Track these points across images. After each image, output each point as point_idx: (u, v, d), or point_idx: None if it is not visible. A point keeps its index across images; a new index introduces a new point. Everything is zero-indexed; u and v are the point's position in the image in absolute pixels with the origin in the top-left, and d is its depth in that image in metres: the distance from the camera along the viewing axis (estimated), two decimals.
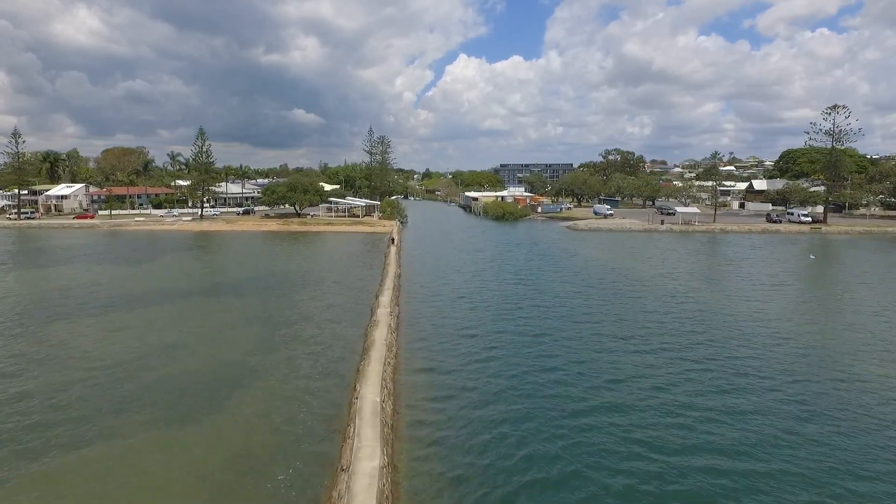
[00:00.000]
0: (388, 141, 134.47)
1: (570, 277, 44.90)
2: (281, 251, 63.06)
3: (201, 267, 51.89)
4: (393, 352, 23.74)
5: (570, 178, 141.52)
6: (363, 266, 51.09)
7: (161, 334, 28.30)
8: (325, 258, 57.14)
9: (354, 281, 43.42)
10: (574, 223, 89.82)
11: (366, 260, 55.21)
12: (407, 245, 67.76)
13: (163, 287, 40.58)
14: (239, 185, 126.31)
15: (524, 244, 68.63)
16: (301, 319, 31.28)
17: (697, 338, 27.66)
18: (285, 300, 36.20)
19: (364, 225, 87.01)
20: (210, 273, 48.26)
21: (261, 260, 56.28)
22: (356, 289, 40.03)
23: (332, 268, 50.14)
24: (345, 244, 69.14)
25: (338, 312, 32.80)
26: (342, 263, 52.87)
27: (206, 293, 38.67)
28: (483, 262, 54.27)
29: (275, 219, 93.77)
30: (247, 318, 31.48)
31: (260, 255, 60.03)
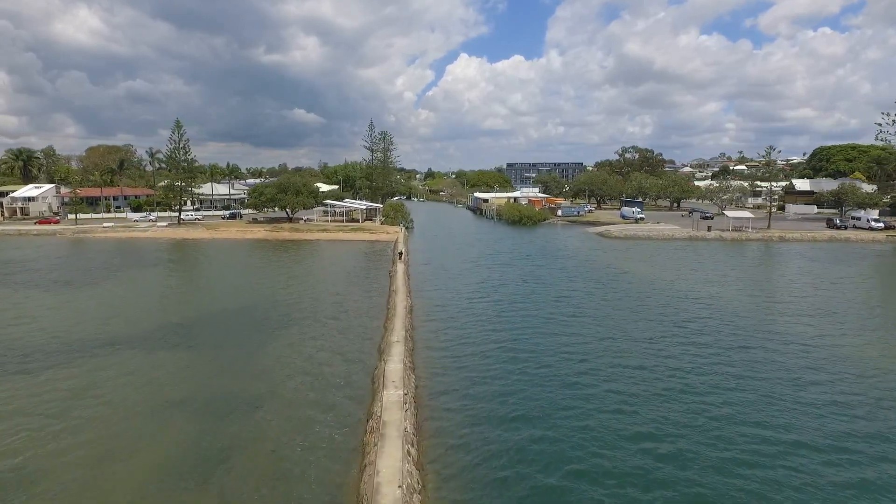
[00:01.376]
0: (390, 137, 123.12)
1: (636, 309, 33.69)
2: (264, 267, 51.90)
3: (158, 292, 40.70)
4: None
5: (589, 178, 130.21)
6: (365, 291, 39.95)
7: (25, 437, 17.15)
8: (318, 278, 45.98)
9: (353, 317, 32.23)
10: (605, 229, 78.60)
11: (368, 282, 44.06)
12: (415, 258, 56.61)
13: (87, 331, 29.39)
14: (227, 186, 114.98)
15: (555, 256, 57.47)
16: (267, 398, 20.13)
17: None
18: (250, 356, 25.03)
19: (364, 231, 75.90)
20: (164, 303, 37.06)
21: (236, 281, 45.13)
22: (354, 333, 28.88)
23: (325, 294, 38.99)
24: (342, 257, 57.99)
25: (325, 383, 21.65)
26: (338, 287, 41.74)
27: (142, 341, 27.47)
28: (513, 282, 43.12)
29: (263, 224, 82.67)
30: (178, 398, 20.26)
31: (237, 274, 48.89)
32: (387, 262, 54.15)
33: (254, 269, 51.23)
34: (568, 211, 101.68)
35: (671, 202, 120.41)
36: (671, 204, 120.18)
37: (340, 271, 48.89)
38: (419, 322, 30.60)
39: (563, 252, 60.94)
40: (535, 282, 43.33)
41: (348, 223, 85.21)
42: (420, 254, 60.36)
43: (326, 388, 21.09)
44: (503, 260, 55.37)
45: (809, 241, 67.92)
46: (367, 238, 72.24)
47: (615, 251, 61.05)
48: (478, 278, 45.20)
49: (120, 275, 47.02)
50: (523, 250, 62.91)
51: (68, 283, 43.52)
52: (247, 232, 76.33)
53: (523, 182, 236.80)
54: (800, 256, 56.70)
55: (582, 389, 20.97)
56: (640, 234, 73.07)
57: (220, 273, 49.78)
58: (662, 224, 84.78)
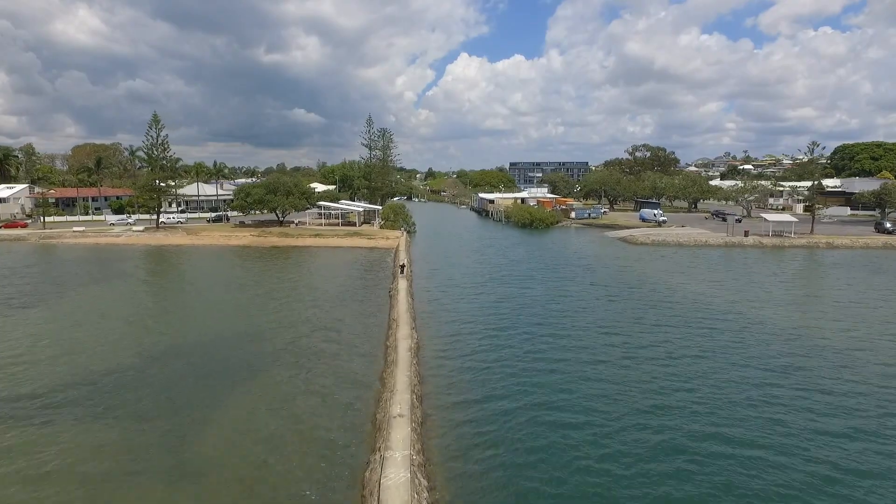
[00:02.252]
0: (390, 134, 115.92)
1: (705, 343, 26.28)
2: (244, 282, 44.45)
3: (113, 316, 33.18)
4: None
5: (601, 177, 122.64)
6: (360, 316, 32.51)
7: None
8: (304, 298, 38.51)
9: (344, 358, 24.77)
10: (628, 234, 71.16)
11: (364, 303, 36.61)
12: (419, 268, 49.17)
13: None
14: (215, 187, 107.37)
15: (579, 266, 50.04)
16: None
17: None
18: (190, 431, 17.56)
19: (362, 236, 68.41)
20: (114, 333, 29.53)
21: (208, 301, 37.69)
22: (350, 379, 21.50)
23: (311, 321, 31.53)
24: (335, 268, 50.54)
25: (312, 465, 14.17)
26: (327, 310, 34.29)
27: (67, 402, 20.00)
28: (540, 302, 35.67)
29: (250, 228, 75.15)
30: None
31: (211, 291, 41.44)
32: (386, 273, 46.70)
33: (231, 283, 43.76)
34: (582, 213, 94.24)
35: (690, 203, 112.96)
36: (690, 205, 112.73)
37: (332, 288, 41.41)
38: (428, 369, 23.12)
39: (587, 262, 53.48)
40: (567, 302, 35.87)
41: (344, 227, 77.74)
42: (424, 263, 52.90)
43: (317, 481, 13.62)
44: (521, 271, 47.90)
45: (862, 248, 60.49)
46: (364, 244, 64.76)
47: (646, 261, 53.61)
48: (495, 296, 37.75)
49: (72, 293, 39.49)
50: (541, 259, 55.45)
51: (19, 298, 36.41)
52: (231, 237, 68.81)
53: (527, 182, 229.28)
54: (861, 268, 49.23)
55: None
56: (669, 239, 65.61)
57: (191, 290, 42.31)
58: (689, 228, 77.35)
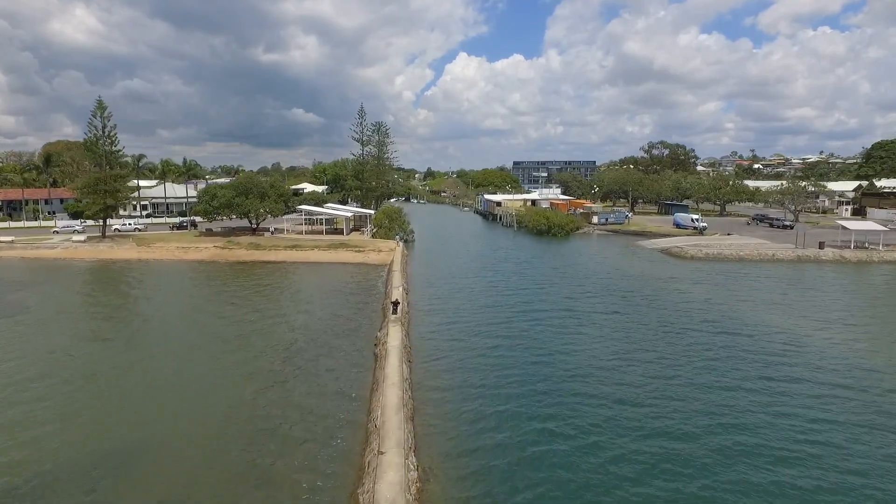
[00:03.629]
0: (385, 128, 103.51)
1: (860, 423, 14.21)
2: (185, 322, 32.20)
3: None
4: None
5: (620, 177, 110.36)
6: (332, 395, 20.30)
7: None
8: (258, 352, 26.21)
9: (303, 480, 12.56)
10: (671, 244, 58.96)
11: (340, 366, 24.36)
12: (419, 296, 36.96)
13: None
14: (186, 188, 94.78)
15: (626, 291, 37.93)
16: None
17: None
18: None
19: (348, 249, 56.08)
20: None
21: (134, 356, 25.38)
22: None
23: (261, 396, 19.32)
24: (309, 297, 38.31)
25: None
26: (297, 371, 22.11)
27: None
28: (605, 358, 23.49)
29: (216, 238, 62.87)
30: None
31: (147, 334, 29.15)
32: (375, 305, 34.47)
33: (167, 325, 31.48)
34: (605, 217, 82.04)
35: (721, 206, 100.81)
36: (722, 208, 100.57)
37: (300, 332, 29.18)
38: None
39: (637, 285, 41.32)
40: (648, 365, 23.66)
41: (329, 235, 65.45)
42: (425, 288, 40.67)
43: None
44: (556, 301, 35.72)
45: None
46: (350, 259, 52.51)
47: (710, 283, 41.48)
48: (532, 353, 25.51)
49: None
50: (576, 280, 43.24)
51: None
52: (189, 249, 56.46)
53: (532, 182, 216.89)
54: None
55: None
56: (727, 252, 53.44)
57: (106, 339, 30.00)
58: (737, 236, 65.20)
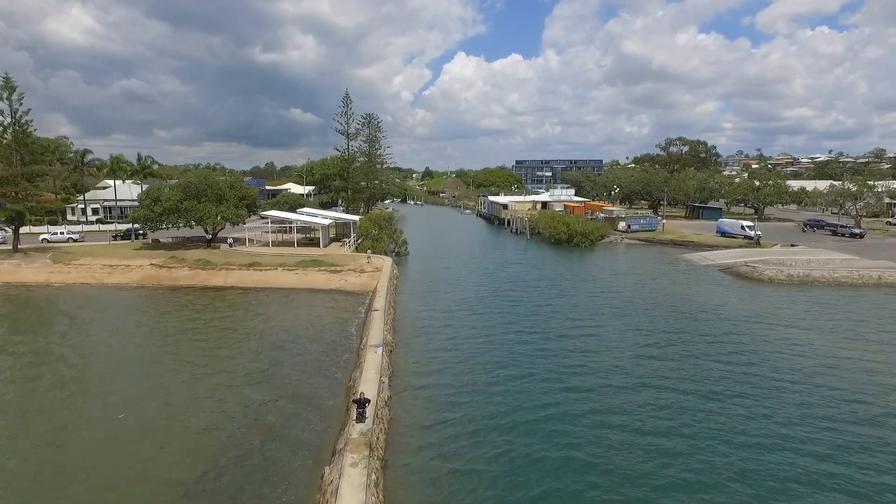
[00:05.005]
0: (377, 121, 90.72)
1: None
2: (59, 407, 19.38)
3: None
4: None
5: (644, 176, 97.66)
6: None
7: None
8: (175, 453, 13.48)
9: None
10: (734, 262, 46.31)
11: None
12: (409, 350, 24.31)
13: None
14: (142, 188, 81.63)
15: (716, 340, 25.38)
16: None
17: None
18: None
19: (322, 269, 43.22)
20: None
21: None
22: None
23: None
24: (256, 355, 25.47)
25: None
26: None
27: None
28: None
29: (163, 250, 50.08)
30: None
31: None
32: (343, 375, 21.70)
33: (31, 412, 18.80)
34: (636, 223, 69.49)
35: (759, 209, 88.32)
36: (761, 210, 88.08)
37: (223, 433, 16.48)
38: None
39: (724, 328, 28.66)
40: None
41: (302, 249, 52.66)
42: (417, 336, 27.96)
43: None
44: (617, 366, 23.08)
45: None
46: (321, 284, 39.71)
47: (832, 327, 28.89)
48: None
49: None
50: (629, 318, 30.55)
51: None
52: (117, 269, 43.65)
53: (536, 182, 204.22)
54: None
55: None
56: (815, 273, 40.89)
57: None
58: (822, 251, 52.44)
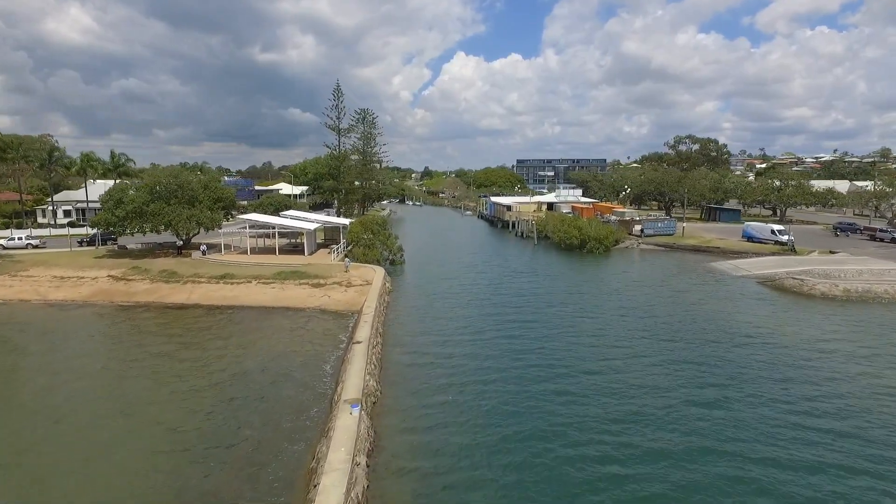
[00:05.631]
0: (372, 117, 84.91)
1: None
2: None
3: None
4: None
5: (657, 176, 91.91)
6: None
7: None
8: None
9: None
10: (773, 273, 40.59)
11: None
12: (399, 392, 18.57)
13: None
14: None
15: (767, 374, 19.70)
16: None
17: None
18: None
19: (303, 282, 37.37)
20: None
21: None
22: None
23: None
24: (202, 405, 19.57)
25: None
26: None
27: None
28: None
29: (129, 258, 44.26)
30: None
31: None
32: (310, 435, 15.82)
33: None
34: (653, 227, 63.77)
35: (781, 212, 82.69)
36: (782, 213, 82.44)
37: None
38: None
39: (787, 358, 22.92)
40: None
41: (284, 257, 46.86)
42: (409, 379, 22.22)
43: None
44: (687, 424, 17.33)
45: None
46: (300, 302, 33.81)
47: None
48: None
49: None
50: (670, 347, 24.81)
51: None
52: (67, 281, 37.79)
53: (537, 182, 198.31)
54: None
55: None
56: (879, 288, 35.18)
57: None
58: (846, 255, 46.84)
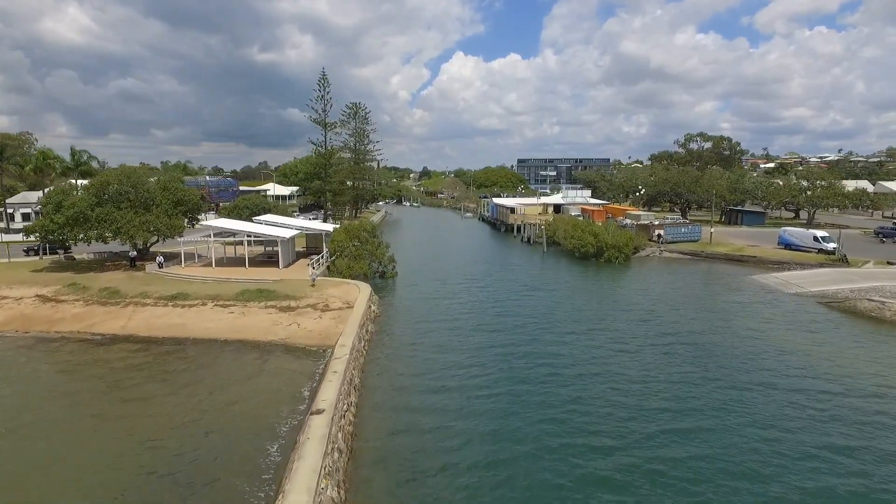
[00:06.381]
0: (365, 111, 78.28)
1: None
2: None
3: None
4: None
5: (672, 176, 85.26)
6: None
7: None
8: None
9: None
10: (839, 290, 34.04)
11: None
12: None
13: None
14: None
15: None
16: None
17: None
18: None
19: (269, 304, 30.74)
20: None
21: None
22: None
23: None
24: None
25: None
26: None
27: None
28: None
29: (68, 272, 37.64)
30: None
31: None
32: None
33: None
34: (674, 234, 57.25)
35: (810, 215, 76.18)
36: (808, 217, 75.94)
37: None
38: None
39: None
40: None
41: (255, 270, 40.27)
42: (395, 472, 15.67)
43: None
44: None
45: None
46: (262, 334, 27.10)
47: None
48: None
49: None
50: (745, 399, 18.28)
51: None
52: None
53: (539, 182, 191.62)
54: None
55: None
56: None
57: None
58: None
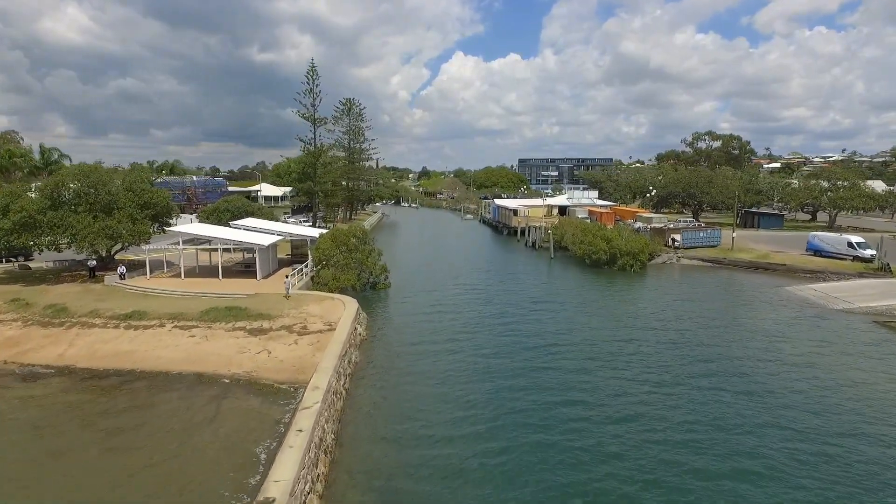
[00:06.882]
0: (359, 108, 73.64)
1: None
2: None
3: None
4: None
5: (683, 176, 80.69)
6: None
7: None
8: None
9: None
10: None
11: None
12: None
13: None
14: None
15: None
16: None
17: None
18: None
19: (240, 324, 26.07)
20: None
21: None
22: None
23: None
24: None
25: None
26: None
27: None
28: None
29: (16, 285, 33.00)
30: None
31: None
32: None
33: None
34: (693, 238, 52.73)
35: (831, 217, 71.71)
36: (830, 220, 71.49)
37: None
38: None
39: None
40: None
41: (229, 282, 35.63)
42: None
43: None
44: None
45: None
46: (222, 367, 22.28)
47: None
48: None
49: None
50: (822, 456, 13.76)
51: None
52: None
53: (541, 182, 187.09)
54: None
55: None
56: None
57: None
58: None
